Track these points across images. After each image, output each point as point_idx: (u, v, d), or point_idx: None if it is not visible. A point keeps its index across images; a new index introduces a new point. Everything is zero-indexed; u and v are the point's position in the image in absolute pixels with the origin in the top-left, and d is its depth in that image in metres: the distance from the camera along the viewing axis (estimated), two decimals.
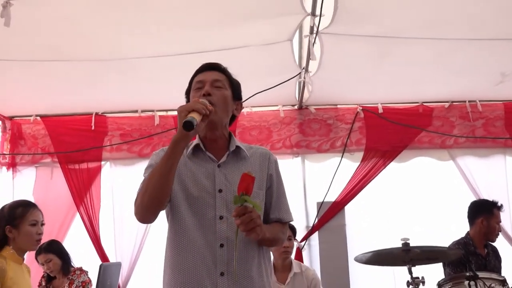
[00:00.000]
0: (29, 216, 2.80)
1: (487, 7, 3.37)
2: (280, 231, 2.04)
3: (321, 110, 5.26)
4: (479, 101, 5.21)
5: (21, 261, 2.80)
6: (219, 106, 1.94)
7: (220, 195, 1.91)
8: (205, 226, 1.89)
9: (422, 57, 4.13)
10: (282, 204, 2.07)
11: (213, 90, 1.96)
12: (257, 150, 2.08)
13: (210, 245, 1.87)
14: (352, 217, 5.09)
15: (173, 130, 5.08)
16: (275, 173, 2.06)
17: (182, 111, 1.77)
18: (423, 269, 3.50)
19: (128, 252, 4.91)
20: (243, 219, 1.74)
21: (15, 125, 5.19)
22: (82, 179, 5.01)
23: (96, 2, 3.17)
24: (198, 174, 1.95)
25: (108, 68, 4.11)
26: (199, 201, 1.91)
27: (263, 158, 2.05)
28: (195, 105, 1.79)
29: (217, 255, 1.86)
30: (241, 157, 2.01)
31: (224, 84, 2.01)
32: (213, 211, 1.89)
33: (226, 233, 1.87)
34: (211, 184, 1.93)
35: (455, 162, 5.15)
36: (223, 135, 2.02)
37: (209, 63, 2.07)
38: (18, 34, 3.29)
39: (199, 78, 2.02)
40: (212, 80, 1.99)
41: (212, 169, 1.96)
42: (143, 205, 1.85)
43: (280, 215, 2.04)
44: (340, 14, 3.30)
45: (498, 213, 4.06)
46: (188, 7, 3.29)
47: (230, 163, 1.98)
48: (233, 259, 1.84)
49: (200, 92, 1.96)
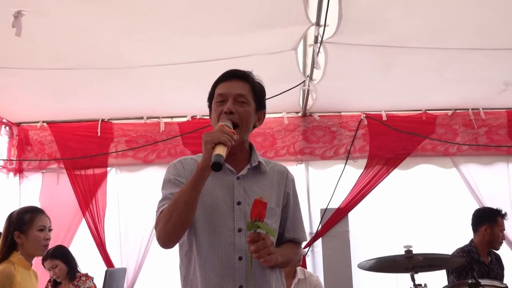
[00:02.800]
0: (37, 222, 2.83)
1: (490, 17, 3.38)
2: (293, 252, 2.04)
3: (325, 117, 5.29)
4: (482, 109, 5.23)
5: (29, 266, 2.83)
6: (242, 125, 1.92)
7: (239, 207, 1.90)
8: (223, 238, 1.86)
9: (425, 65, 4.15)
10: (297, 223, 2.06)
11: (236, 107, 1.91)
12: (275, 166, 2.07)
13: (229, 258, 1.85)
14: (356, 223, 5.10)
15: (178, 137, 5.13)
16: (292, 192, 2.05)
17: (208, 142, 1.74)
18: (426, 276, 3.53)
19: (133, 258, 4.94)
20: (257, 246, 1.74)
21: (22, 131, 5.24)
22: (88, 185, 5.05)
23: (103, 11, 3.20)
24: (217, 186, 1.92)
25: (114, 76, 4.14)
26: (217, 213, 1.89)
27: (281, 176, 2.04)
28: (221, 137, 1.74)
29: (236, 268, 1.85)
30: (260, 171, 2.00)
31: (247, 99, 1.95)
32: (231, 223, 1.88)
33: (244, 246, 1.84)
34: (230, 197, 1.91)
35: (458, 170, 5.18)
36: (244, 148, 2.00)
37: (233, 71, 2.00)
38: (27, 43, 3.32)
39: (222, 90, 1.96)
40: (235, 95, 1.93)
41: (231, 182, 1.94)
42: (166, 233, 1.84)
43: (295, 235, 2.04)
44: (344, 24, 3.32)
45: (502, 221, 4.07)
46: (194, 16, 3.32)
47: (249, 177, 1.96)
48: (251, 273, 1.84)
49: (222, 107, 1.92)
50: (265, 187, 1.97)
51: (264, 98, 2.05)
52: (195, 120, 5.17)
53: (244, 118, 1.93)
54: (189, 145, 5.12)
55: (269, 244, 1.77)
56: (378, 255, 3.52)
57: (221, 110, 1.92)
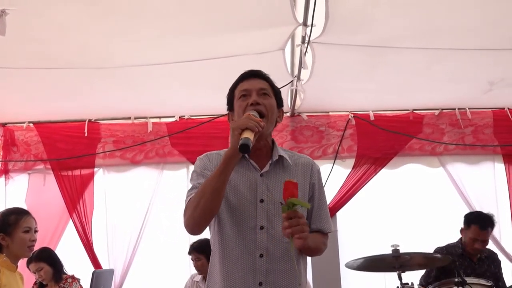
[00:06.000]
0: (22, 223, 2.79)
1: (475, 18, 3.41)
2: (321, 242, 2.05)
3: (313, 117, 5.30)
4: (469, 109, 5.27)
5: (14, 268, 2.79)
6: (268, 115, 1.95)
7: (262, 205, 1.91)
8: (245, 235, 1.90)
9: (412, 65, 4.17)
10: (323, 214, 2.07)
11: (260, 99, 1.96)
12: (299, 158, 2.08)
13: (250, 255, 1.88)
14: (344, 223, 5.13)
15: (166, 137, 5.11)
16: (317, 183, 2.06)
17: (235, 128, 1.78)
18: (413, 275, 3.55)
19: (121, 259, 4.91)
20: (290, 222, 1.72)
21: (8, 131, 5.17)
22: (75, 186, 5.01)
23: (89, 11, 3.17)
24: (240, 183, 1.94)
25: (101, 75, 4.11)
26: (240, 210, 1.92)
27: (306, 167, 2.05)
28: (249, 123, 1.78)
29: (257, 265, 1.88)
30: (283, 166, 2.00)
31: (269, 92, 2.00)
32: (254, 220, 1.90)
33: (266, 244, 1.88)
34: (253, 194, 1.93)
35: (445, 169, 5.21)
36: (267, 143, 2.02)
37: (251, 71, 2.06)
38: (11, 42, 3.27)
39: (244, 86, 2.00)
40: (258, 89, 1.98)
41: (255, 179, 1.95)
42: (194, 219, 1.87)
43: (321, 226, 2.05)
44: (331, 24, 3.33)
45: (477, 230, 3.96)
46: (181, 16, 3.31)
47: (272, 173, 1.97)
48: (271, 270, 1.87)
49: (247, 100, 1.96)
50: None
51: (281, 98, 2.10)
52: (183, 120, 5.14)
53: (270, 109, 1.97)
54: (177, 145, 5.11)
55: (303, 222, 1.75)
56: (366, 254, 3.54)
57: (246, 104, 1.95)
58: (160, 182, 5.10)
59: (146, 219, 4.96)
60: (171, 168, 5.17)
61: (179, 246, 4.84)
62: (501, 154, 5.25)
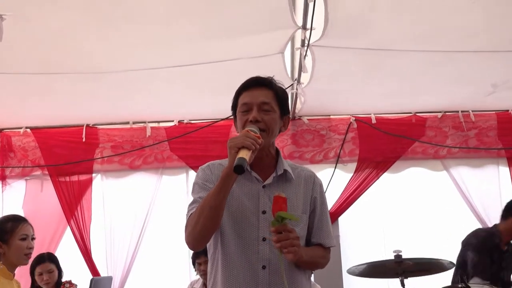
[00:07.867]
0: (19, 231, 2.77)
1: (477, 20, 3.38)
2: (319, 255, 2.03)
3: (314, 120, 5.25)
4: (472, 111, 5.23)
5: (11, 276, 2.77)
6: (268, 131, 1.93)
7: (264, 216, 1.91)
8: (247, 246, 1.90)
9: (414, 68, 4.14)
10: (324, 228, 2.05)
11: (261, 115, 1.92)
12: (302, 171, 2.07)
13: (252, 266, 1.89)
14: (346, 228, 5.08)
15: (165, 142, 5.06)
16: (319, 196, 2.05)
17: (232, 147, 1.78)
18: (417, 281, 3.49)
19: (119, 266, 4.86)
20: (279, 236, 1.74)
21: (5, 137, 5.13)
22: (73, 192, 4.97)
23: (87, 16, 3.16)
24: (242, 194, 1.94)
25: (99, 80, 4.08)
26: (242, 221, 1.92)
27: (308, 181, 2.04)
28: (245, 141, 1.77)
29: (259, 276, 1.88)
30: (286, 179, 1.99)
31: (272, 106, 1.95)
32: (256, 232, 1.90)
33: (268, 255, 1.88)
34: (255, 205, 1.93)
35: (448, 172, 5.16)
36: (270, 153, 2.00)
37: (255, 79, 2.01)
38: (9, 48, 3.26)
39: (246, 99, 1.96)
40: (260, 103, 1.93)
41: (257, 190, 1.95)
42: (194, 236, 1.88)
43: (321, 240, 2.03)
44: (330, 27, 3.30)
45: None
46: (180, 21, 3.28)
47: (275, 185, 1.96)
48: (274, 281, 1.86)
49: (247, 116, 1.93)
50: (291, 195, 1.96)
51: (287, 103, 2.06)
52: (182, 124, 5.10)
53: (270, 125, 1.94)
54: (176, 150, 5.07)
55: (293, 236, 1.77)
56: (369, 259, 3.50)
57: (246, 119, 1.93)
58: (159, 187, 5.06)
59: (145, 225, 4.92)
60: (170, 173, 5.14)
61: (179, 252, 4.79)
62: (505, 157, 5.20)
